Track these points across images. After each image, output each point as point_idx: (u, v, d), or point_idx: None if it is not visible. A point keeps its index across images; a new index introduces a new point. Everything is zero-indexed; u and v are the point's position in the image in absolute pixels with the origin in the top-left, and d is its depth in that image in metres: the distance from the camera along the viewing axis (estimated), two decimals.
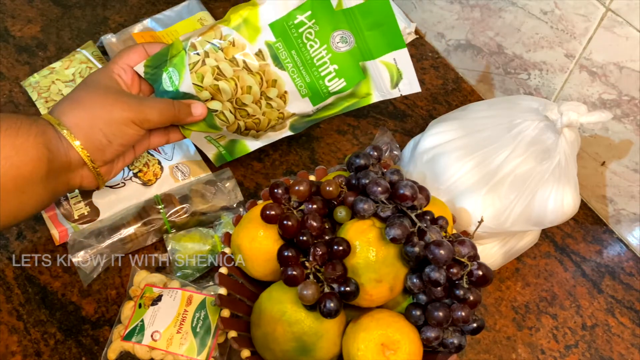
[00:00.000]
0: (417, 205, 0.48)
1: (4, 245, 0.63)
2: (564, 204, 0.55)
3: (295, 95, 0.60)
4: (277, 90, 0.59)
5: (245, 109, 0.59)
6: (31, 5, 0.85)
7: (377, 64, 0.60)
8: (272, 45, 0.57)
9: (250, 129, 0.62)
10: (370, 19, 0.57)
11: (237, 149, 0.65)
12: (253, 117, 0.60)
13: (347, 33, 0.58)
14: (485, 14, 0.72)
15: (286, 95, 0.60)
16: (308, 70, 0.59)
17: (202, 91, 0.58)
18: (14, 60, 0.79)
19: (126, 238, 0.62)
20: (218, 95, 0.58)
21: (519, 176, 0.55)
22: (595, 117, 0.51)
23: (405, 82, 0.61)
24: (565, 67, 0.65)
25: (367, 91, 0.62)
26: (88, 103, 0.53)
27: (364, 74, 0.61)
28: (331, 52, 0.59)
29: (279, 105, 0.60)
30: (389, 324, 0.46)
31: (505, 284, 0.64)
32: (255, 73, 0.58)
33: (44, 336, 0.58)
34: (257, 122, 0.61)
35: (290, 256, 0.46)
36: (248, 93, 0.59)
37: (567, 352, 0.60)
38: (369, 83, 0.62)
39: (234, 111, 0.60)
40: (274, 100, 0.60)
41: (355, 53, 0.59)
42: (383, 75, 0.61)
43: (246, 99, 0.59)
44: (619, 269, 0.66)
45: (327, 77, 0.60)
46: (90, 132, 0.52)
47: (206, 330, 0.55)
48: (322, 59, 0.59)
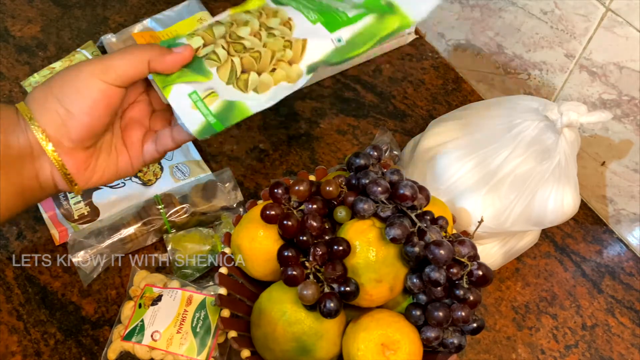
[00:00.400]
0: (417, 205, 0.48)
1: (3, 245, 0.63)
2: (564, 204, 0.55)
3: (302, 21, 0.49)
4: (278, 18, 0.49)
5: (242, 42, 0.48)
6: (31, 5, 0.85)
7: None
8: None
9: (249, 69, 0.47)
10: None
11: (233, 113, 0.46)
12: (251, 51, 0.47)
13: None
14: (485, 14, 0.72)
15: (291, 22, 0.49)
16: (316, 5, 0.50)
17: (194, 37, 0.48)
18: (14, 60, 0.79)
19: (126, 238, 0.62)
20: (210, 38, 0.48)
21: (519, 176, 0.55)
22: (595, 117, 0.51)
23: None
24: (565, 67, 0.65)
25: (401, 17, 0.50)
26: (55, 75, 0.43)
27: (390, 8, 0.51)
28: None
29: (283, 32, 0.48)
30: (389, 324, 0.46)
31: (505, 284, 0.64)
32: (253, 12, 0.50)
33: (44, 336, 0.58)
34: (256, 57, 0.47)
35: (290, 256, 0.46)
36: (245, 26, 0.49)
37: (567, 352, 0.60)
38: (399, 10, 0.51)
39: (228, 46, 0.47)
40: (276, 29, 0.49)
41: None
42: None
43: (242, 31, 0.48)
44: (619, 269, 0.66)
45: (340, 7, 0.50)
46: (44, 102, 0.42)
47: (206, 330, 0.55)
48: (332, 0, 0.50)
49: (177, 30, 0.81)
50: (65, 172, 0.43)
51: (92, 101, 0.42)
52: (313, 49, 0.48)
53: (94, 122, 0.42)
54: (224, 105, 0.46)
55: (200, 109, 0.46)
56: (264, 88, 0.47)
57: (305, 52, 0.48)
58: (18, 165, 0.41)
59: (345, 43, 0.48)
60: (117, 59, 0.43)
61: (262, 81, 0.47)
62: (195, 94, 0.46)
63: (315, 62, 0.47)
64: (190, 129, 0.45)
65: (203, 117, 0.46)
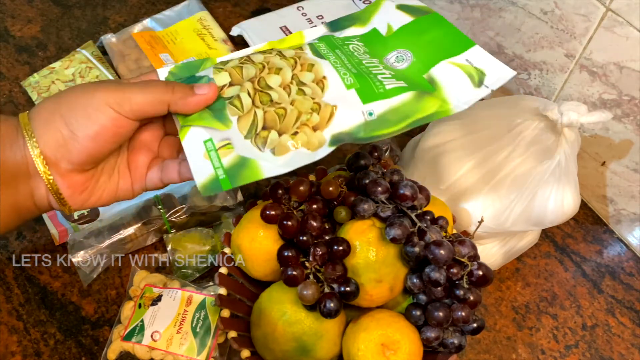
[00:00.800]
0: (417, 205, 0.48)
1: (3, 245, 0.63)
2: (564, 204, 0.55)
3: (337, 83, 0.45)
4: (312, 74, 0.45)
5: (269, 92, 0.44)
6: (31, 5, 0.85)
7: (447, 67, 0.47)
8: (313, 44, 0.48)
9: (271, 126, 0.43)
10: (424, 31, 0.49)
11: (244, 172, 0.41)
12: (277, 105, 0.43)
13: (403, 51, 0.48)
14: (485, 13, 0.72)
15: (324, 81, 0.45)
16: (355, 65, 0.47)
17: (221, 72, 0.44)
18: (13, 60, 0.79)
19: (126, 238, 0.62)
20: (238, 77, 0.44)
21: (519, 176, 0.55)
22: (596, 117, 0.51)
23: (492, 75, 0.46)
24: (566, 67, 0.64)
25: (442, 101, 0.46)
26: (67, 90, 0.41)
27: (432, 86, 0.46)
28: (385, 65, 0.48)
29: (314, 92, 0.44)
30: (389, 324, 0.46)
31: (505, 284, 0.64)
32: (289, 58, 0.46)
33: (44, 336, 0.58)
34: (281, 115, 0.43)
35: (290, 256, 0.46)
36: (276, 74, 0.45)
37: (567, 352, 0.60)
38: (441, 93, 0.46)
39: (254, 94, 0.44)
40: (308, 85, 0.44)
41: (416, 67, 0.48)
42: (458, 78, 0.46)
43: (272, 80, 0.44)
44: (619, 269, 0.66)
45: (380, 75, 0.46)
46: (49, 120, 0.39)
47: (206, 331, 0.55)
48: (374, 64, 0.47)
49: (176, 30, 0.81)
50: (59, 195, 0.41)
51: (100, 127, 0.39)
52: (341, 117, 0.43)
53: (97, 148, 0.40)
54: (237, 160, 0.42)
55: (212, 160, 0.42)
56: (281, 151, 0.42)
57: (333, 120, 0.43)
58: (13, 182, 0.39)
59: (376, 117, 0.44)
60: (136, 93, 0.40)
61: (281, 143, 0.42)
62: (210, 141, 0.42)
63: (340, 133, 0.43)
64: (197, 180, 0.41)
65: (213, 169, 0.41)
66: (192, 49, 0.79)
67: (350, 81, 0.45)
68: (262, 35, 0.79)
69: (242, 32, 0.81)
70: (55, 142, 0.39)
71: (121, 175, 0.44)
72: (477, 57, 0.47)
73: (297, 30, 0.74)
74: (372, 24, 0.51)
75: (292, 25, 0.81)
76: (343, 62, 0.46)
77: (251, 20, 0.82)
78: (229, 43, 0.81)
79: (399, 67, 0.47)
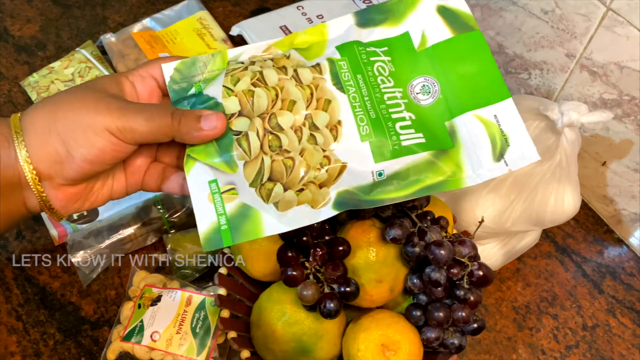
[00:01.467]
0: (417, 205, 0.48)
1: (3, 246, 0.63)
2: (565, 204, 0.54)
3: (351, 132, 0.41)
4: (328, 116, 0.42)
5: (279, 135, 0.41)
6: (30, 5, 0.85)
7: (471, 121, 0.42)
8: (335, 62, 0.43)
9: (277, 179, 0.41)
10: (459, 58, 0.44)
11: (246, 226, 0.41)
12: (286, 154, 0.41)
13: (431, 80, 0.44)
14: (485, 13, 0.72)
15: (339, 127, 0.42)
16: (375, 104, 0.42)
17: (230, 96, 0.42)
18: (13, 60, 0.78)
19: (125, 238, 0.62)
20: (248, 107, 0.41)
21: (519, 176, 0.55)
22: (596, 117, 0.51)
23: (515, 150, 0.41)
24: (566, 66, 0.64)
25: (455, 166, 0.42)
26: (62, 102, 0.39)
27: (451, 140, 0.42)
28: (408, 98, 0.44)
29: (326, 141, 0.41)
30: (389, 324, 0.46)
31: (505, 284, 0.64)
32: (305, 86, 0.42)
33: (43, 336, 0.58)
34: (288, 167, 0.41)
35: (290, 256, 0.46)
36: (289, 110, 0.42)
37: (567, 353, 0.60)
38: (458, 154, 0.42)
39: (263, 136, 0.41)
40: (320, 131, 0.41)
41: (439, 108, 0.43)
42: (479, 140, 0.42)
43: (284, 118, 0.41)
44: (619, 269, 0.66)
45: (399, 122, 0.42)
46: (44, 136, 0.38)
47: (206, 331, 0.55)
48: (395, 99, 0.43)
49: (176, 30, 0.81)
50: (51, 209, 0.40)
51: (100, 152, 0.38)
52: (349, 175, 0.41)
53: (94, 169, 0.39)
54: (240, 208, 0.41)
55: (215, 204, 0.41)
56: (284, 206, 0.41)
57: (341, 177, 0.41)
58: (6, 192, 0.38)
59: (385, 178, 0.41)
60: (140, 123, 0.38)
61: (285, 198, 0.41)
62: (215, 183, 0.41)
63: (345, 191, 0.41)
64: (200, 226, 0.40)
65: (216, 216, 0.40)
66: (191, 48, 0.78)
67: (366, 131, 0.41)
68: (262, 35, 0.79)
69: (241, 32, 0.80)
70: (50, 160, 0.38)
71: (116, 178, 0.43)
72: (507, 115, 0.42)
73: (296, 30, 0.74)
74: (405, 25, 0.45)
75: (291, 25, 0.81)
76: (363, 98, 0.42)
77: (251, 19, 0.82)
78: (229, 43, 0.81)
79: (423, 102, 0.43)
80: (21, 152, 0.37)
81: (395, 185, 0.41)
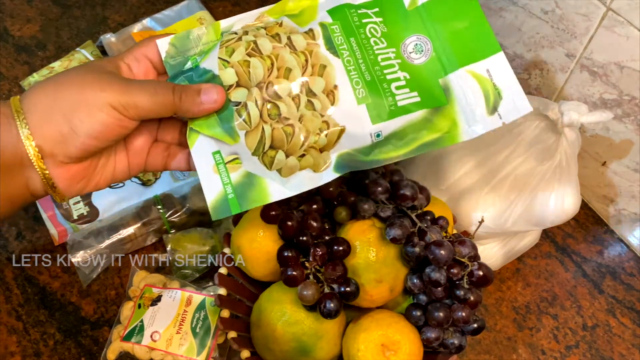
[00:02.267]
0: (417, 205, 0.48)
1: (3, 246, 0.63)
2: (565, 204, 0.54)
3: (348, 96, 0.43)
4: (324, 81, 0.42)
5: (277, 103, 0.42)
6: (30, 5, 0.85)
7: (464, 77, 0.43)
8: (328, 26, 0.44)
9: (278, 146, 0.42)
10: (450, 15, 0.44)
11: (252, 193, 0.42)
12: (285, 121, 0.42)
13: (424, 39, 0.44)
14: (485, 13, 0.71)
15: (335, 92, 0.43)
16: (369, 66, 0.43)
17: (227, 68, 0.42)
18: (13, 60, 0.78)
19: (125, 238, 0.62)
20: (245, 77, 0.42)
21: (519, 176, 0.55)
22: (596, 117, 0.51)
23: (508, 102, 0.42)
24: (566, 66, 0.64)
25: (451, 122, 0.43)
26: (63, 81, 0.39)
27: (446, 97, 0.43)
28: (401, 58, 0.44)
29: (323, 106, 0.42)
30: (389, 324, 0.46)
31: (505, 284, 0.64)
32: (299, 53, 0.43)
33: (43, 336, 0.58)
34: (289, 134, 0.42)
35: (290, 256, 0.46)
36: (285, 78, 0.42)
37: (567, 353, 0.60)
38: (453, 110, 0.43)
39: (262, 105, 0.42)
40: (318, 97, 0.42)
41: (433, 66, 0.44)
42: (473, 95, 0.43)
43: (281, 86, 0.42)
44: (619, 269, 0.66)
45: (394, 83, 0.43)
46: (47, 114, 0.38)
47: (206, 331, 0.55)
48: (389, 60, 0.44)
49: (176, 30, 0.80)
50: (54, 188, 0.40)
51: (104, 127, 0.39)
52: (348, 139, 0.42)
53: (98, 144, 0.39)
54: (245, 177, 0.42)
55: (220, 174, 0.42)
56: (288, 172, 0.43)
57: (340, 141, 0.43)
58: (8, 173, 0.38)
59: (383, 139, 0.42)
60: (142, 97, 0.39)
61: (287, 164, 0.42)
62: (219, 154, 0.42)
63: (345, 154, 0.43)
64: (208, 197, 0.42)
65: (222, 186, 0.42)
66: None
67: (362, 94, 0.42)
68: None
69: None
70: (53, 138, 0.38)
71: (118, 158, 0.43)
72: (499, 69, 0.42)
73: None
74: None
75: None
76: (357, 61, 0.43)
77: None
78: None
79: (416, 61, 0.44)
80: (22, 130, 0.37)
81: (394, 145, 0.43)
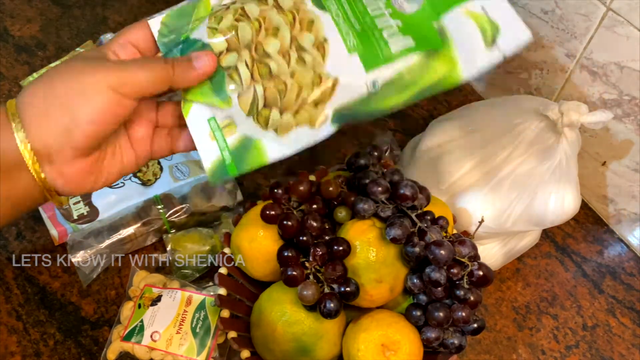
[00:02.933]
0: (417, 205, 0.48)
1: (3, 246, 0.63)
2: (565, 204, 0.54)
3: (338, 47, 0.41)
4: (313, 36, 0.42)
5: (268, 62, 0.42)
6: (30, 5, 0.85)
7: (459, 16, 0.41)
8: None
9: (271, 105, 0.42)
10: None
11: (250, 155, 0.42)
12: (277, 79, 0.42)
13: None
14: None
15: (325, 45, 0.42)
16: (359, 17, 0.42)
17: (216, 34, 0.42)
18: (13, 60, 0.78)
19: (125, 238, 0.62)
20: (234, 42, 0.42)
21: (519, 176, 0.55)
22: (596, 117, 0.51)
23: (506, 34, 0.40)
24: (566, 66, 0.64)
25: (450, 63, 0.41)
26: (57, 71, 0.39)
27: (441, 39, 0.41)
28: (392, 8, 0.43)
29: (314, 60, 0.42)
30: (389, 324, 0.46)
31: (505, 284, 0.64)
32: (287, 12, 0.42)
33: (44, 336, 0.58)
34: (281, 91, 0.42)
35: (290, 256, 0.46)
36: (274, 36, 0.42)
37: (567, 353, 0.60)
38: (450, 51, 0.41)
39: (252, 66, 0.42)
40: (308, 51, 0.42)
41: (425, 11, 0.42)
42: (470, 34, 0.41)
43: (270, 44, 0.42)
44: (619, 269, 0.66)
45: (385, 31, 0.42)
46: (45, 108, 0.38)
47: (206, 331, 0.55)
48: (379, 9, 0.42)
49: None
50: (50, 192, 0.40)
51: (102, 110, 0.38)
52: (343, 90, 0.41)
53: (99, 130, 0.39)
54: (242, 140, 0.42)
55: (217, 140, 0.42)
56: (284, 130, 0.42)
57: (335, 93, 0.42)
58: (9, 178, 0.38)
59: (380, 89, 0.41)
60: (137, 73, 0.39)
61: (282, 122, 0.42)
62: (214, 120, 0.42)
63: (342, 107, 0.42)
64: (205, 163, 0.42)
65: (219, 151, 0.42)
66: None
67: (353, 43, 0.41)
68: None
69: None
70: (56, 132, 0.38)
71: (124, 150, 0.44)
72: (494, 4, 0.41)
73: None
74: None
75: None
76: (346, 13, 0.42)
77: None
78: None
79: (408, 9, 0.42)
80: (18, 134, 0.37)
81: (392, 92, 0.42)
